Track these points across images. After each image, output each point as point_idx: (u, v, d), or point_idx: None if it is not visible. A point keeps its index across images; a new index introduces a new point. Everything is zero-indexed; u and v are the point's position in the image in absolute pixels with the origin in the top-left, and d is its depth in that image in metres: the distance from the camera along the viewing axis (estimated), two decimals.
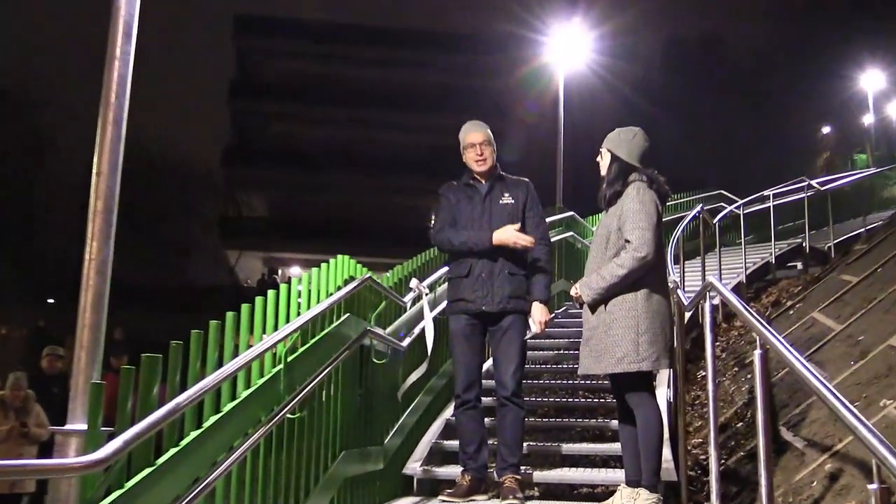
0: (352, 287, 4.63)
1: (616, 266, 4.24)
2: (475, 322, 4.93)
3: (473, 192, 5.06)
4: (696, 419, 6.71)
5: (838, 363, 4.91)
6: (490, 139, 5.07)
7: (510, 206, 4.98)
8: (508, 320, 4.88)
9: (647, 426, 4.27)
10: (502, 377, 4.86)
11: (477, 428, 4.93)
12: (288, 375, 3.79)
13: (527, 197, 5.03)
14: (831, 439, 4.02)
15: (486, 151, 5.03)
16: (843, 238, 13.63)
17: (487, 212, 4.97)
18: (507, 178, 5.13)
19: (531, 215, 5.02)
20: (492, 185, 5.05)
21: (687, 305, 4.93)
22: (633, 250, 4.23)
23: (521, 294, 4.89)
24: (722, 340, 8.74)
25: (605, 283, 4.27)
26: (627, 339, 4.22)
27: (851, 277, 6.64)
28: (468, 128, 5.14)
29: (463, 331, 4.94)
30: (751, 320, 3.35)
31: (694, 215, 10.52)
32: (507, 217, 4.94)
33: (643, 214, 4.28)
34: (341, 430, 4.62)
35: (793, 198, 14.46)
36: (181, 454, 2.91)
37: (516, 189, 5.06)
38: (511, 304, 4.86)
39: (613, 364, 4.25)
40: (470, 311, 4.90)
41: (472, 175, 5.11)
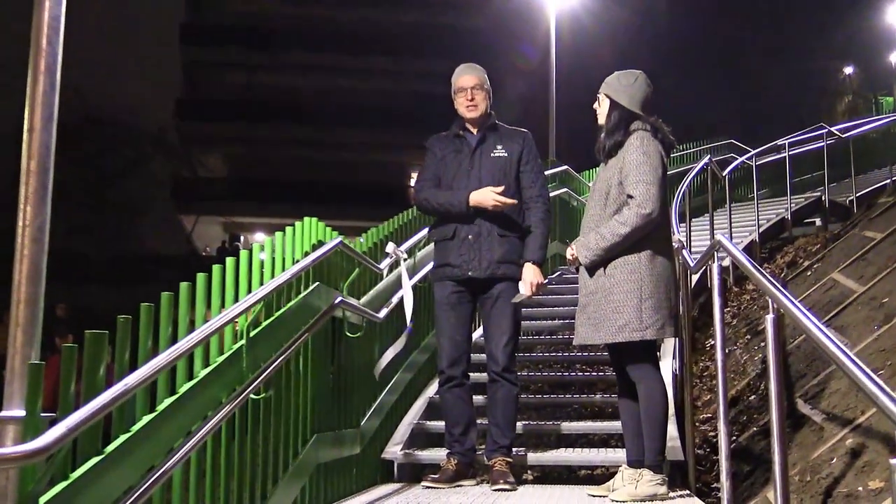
0: (321, 253, 4.61)
1: (618, 224, 4.25)
2: (462, 290, 4.94)
3: (462, 144, 5.04)
4: (704, 392, 6.78)
5: (860, 328, 4.96)
6: (484, 83, 5.05)
7: (503, 160, 4.96)
8: (499, 287, 4.88)
9: (650, 401, 4.31)
10: (493, 350, 4.88)
11: (464, 407, 4.96)
12: (251, 352, 3.78)
13: (522, 149, 5.01)
14: (853, 412, 4.07)
15: (478, 96, 5.01)
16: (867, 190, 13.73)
17: (477, 165, 4.95)
18: (501, 127, 5.10)
19: (527, 169, 5.00)
20: (483, 135, 5.03)
21: (693, 267, 4.96)
22: (637, 206, 4.23)
23: (513, 258, 4.88)
24: (733, 306, 8.81)
25: (606, 243, 4.27)
26: (630, 304, 4.24)
27: (875, 234, 6.68)
28: (460, 71, 5.12)
29: (448, 299, 4.95)
30: (762, 281, 3.37)
31: (701, 167, 10.55)
32: (498, 172, 4.92)
33: (648, 167, 4.28)
34: (312, 412, 4.63)
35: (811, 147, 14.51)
36: (133, 441, 2.91)
37: (511, 140, 5.03)
38: (502, 270, 4.86)
39: (614, 333, 4.27)
40: (456, 277, 4.90)
41: (462, 125, 5.08)
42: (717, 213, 10.41)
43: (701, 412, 6.28)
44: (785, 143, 13.27)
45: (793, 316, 2.98)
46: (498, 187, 4.81)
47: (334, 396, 5.04)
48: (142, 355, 3.12)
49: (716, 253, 4.29)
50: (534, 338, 8.66)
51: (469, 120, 5.05)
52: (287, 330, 4.21)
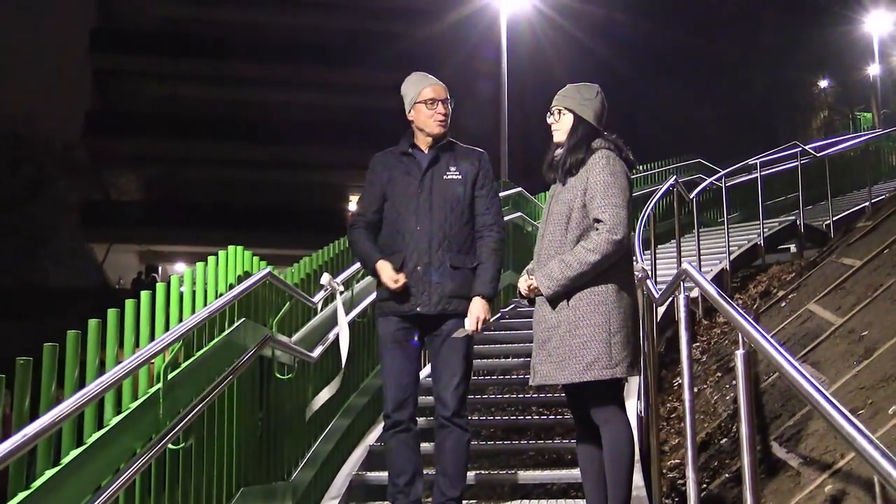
0: (247, 285, 4.59)
1: (586, 251, 4.25)
2: (408, 326, 4.92)
3: (412, 164, 4.99)
4: (672, 436, 6.83)
5: (838, 364, 5.04)
6: (448, 96, 5.03)
7: (455, 183, 4.93)
8: (450, 325, 4.85)
9: (616, 446, 4.32)
10: (442, 393, 4.86)
11: (410, 455, 4.93)
12: (168, 397, 3.75)
13: (478, 171, 4.99)
14: (832, 455, 4.13)
15: (447, 110, 4.98)
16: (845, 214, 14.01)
17: (426, 189, 4.91)
18: (456, 146, 5.07)
19: (482, 194, 4.97)
20: (436, 155, 4.99)
21: (658, 299, 5.01)
22: (608, 232, 4.24)
23: (465, 293, 4.86)
24: (702, 340, 8.91)
25: (572, 272, 4.27)
26: (598, 339, 4.25)
27: (854, 261, 6.81)
28: (421, 79, 5.04)
29: (394, 336, 4.91)
30: (731, 314, 3.41)
31: (667, 189, 10.68)
32: (450, 196, 4.90)
33: (616, 188, 4.31)
34: (238, 463, 4.59)
35: (784, 166, 14.78)
36: (34, 498, 2.86)
37: (466, 161, 5.00)
38: (453, 305, 4.83)
39: (581, 371, 4.26)
40: (402, 312, 4.88)
41: (412, 141, 5.04)
42: (684, 239, 10.54)
43: (669, 458, 6.32)
44: (757, 162, 13.48)
45: (765, 352, 3.02)
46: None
47: (263, 445, 5.00)
48: (44, 402, 3.08)
49: (682, 283, 4.33)
50: (485, 378, 8.68)
51: (426, 137, 5.01)
52: (209, 371, 4.18)
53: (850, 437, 2.27)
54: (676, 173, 14.70)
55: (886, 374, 4.43)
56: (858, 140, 18.81)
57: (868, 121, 35.58)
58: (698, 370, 7.70)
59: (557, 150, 4.59)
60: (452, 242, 4.86)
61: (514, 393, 8.11)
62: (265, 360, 5.04)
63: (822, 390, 2.58)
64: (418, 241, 4.85)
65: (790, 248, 13.43)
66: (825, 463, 4.12)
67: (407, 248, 4.86)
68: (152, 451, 3.47)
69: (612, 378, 4.26)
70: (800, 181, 13.40)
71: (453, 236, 4.87)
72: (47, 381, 3.10)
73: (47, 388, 3.09)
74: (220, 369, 4.26)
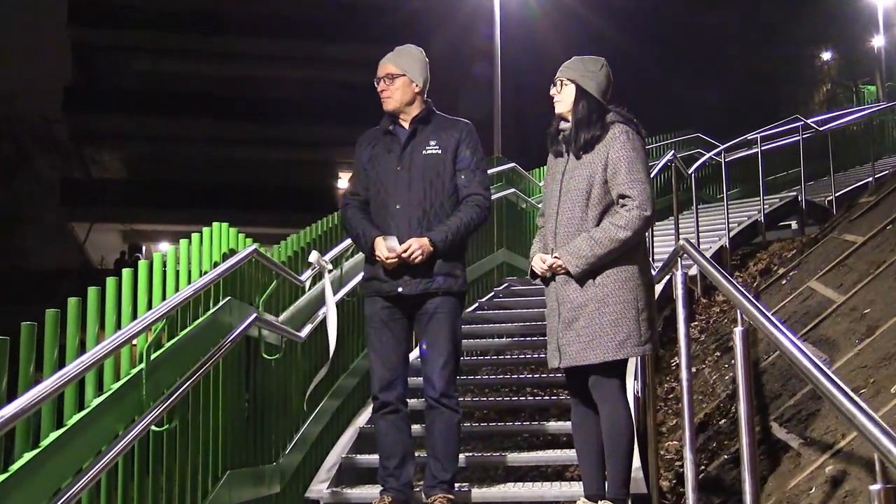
0: (233, 263, 4.58)
1: (616, 228, 4.28)
2: (393, 306, 4.92)
3: (392, 142, 5.01)
4: (669, 417, 6.85)
5: (840, 342, 5.06)
6: (400, 68, 4.99)
7: (435, 158, 4.92)
8: (435, 302, 4.86)
9: (616, 424, 4.34)
10: (430, 373, 4.87)
11: (399, 437, 4.94)
12: (152, 377, 3.74)
13: (458, 143, 4.97)
14: (833, 436, 4.15)
15: (392, 85, 4.96)
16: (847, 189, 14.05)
17: (406, 165, 4.91)
18: (437, 118, 5.06)
19: (463, 167, 4.95)
20: (415, 129, 4.99)
21: (656, 276, 5.03)
22: (638, 208, 4.30)
23: (449, 270, 4.87)
24: (701, 319, 8.93)
25: (602, 250, 4.29)
26: (629, 316, 4.30)
27: (856, 237, 6.83)
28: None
29: (380, 315, 4.92)
30: (731, 290, 3.42)
31: (664, 164, 10.68)
32: (431, 172, 4.89)
33: (640, 163, 4.38)
34: (224, 446, 4.59)
35: (785, 140, 14.80)
36: (12, 481, 2.86)
37: (447, 133, 4.99)
38: (436, 284, 4.85)
39: (615, 349, 4.28)
40: (385, 292, 4.88)
41: (392, 118, 5.05)
42: (682, 216, 10.56)
43: (666, 439, 6.34)
44: (757, 137, 13.50)
45: (764, 329, 3.02)
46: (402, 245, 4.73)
47: (250, 427, 5.00)
48: (23, 382, 3.07)
49: (680, 260, 4.34)
50: (478, 359, 8.69)
51: (389, 112, 5.02)
52: (194, 351, 4.17)
53: (850, 415, 2.28)
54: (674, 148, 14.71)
55: (889, 353, 4.45)
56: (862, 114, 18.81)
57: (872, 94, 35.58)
58: (696, 350, 7.73)
59: (562, 122, 4.58)
60: (434, 220, 4.85)
61: (508, 374, 8.14)
62: (251, 340, 5.03)
63: (824, 368, 2.59)
64: (399, 219, 4.85)
65: (791, 224, 13.46)
66: (826, 443, 4.13)
67: (389, 228, 4.85)
68: (135, 433, 3.47)
69: (643, 354, 4.34)
70: (801, 156, 13.42)
71: (434, 213, 4.86)
72: (25, 361, 3.09)
73: (25, 368, 3.09)
74: (205, 349, 4.26)
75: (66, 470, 3.16)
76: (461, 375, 7.50)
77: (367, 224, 4.92)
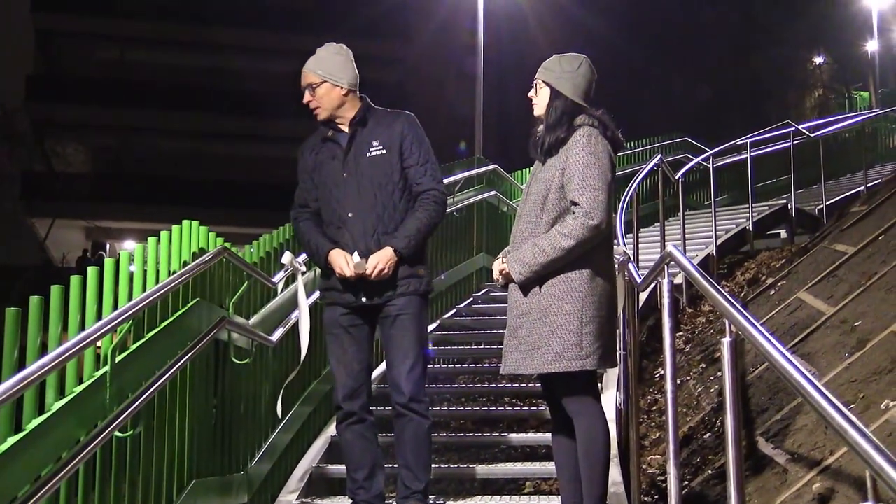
0: (202, 262, 4.57)
1: (560, 236, 4.27)
2: (354, 313, 4.89)
3: (334, 148, 4.93)
4: (653, 430, 6.88)
5: (830, 355, 5.09)
6: (319, 75, 4.89)
7: (381, 159, 4.84)
8: (398, 304, 4.82)
9: (590, 440, 4.35)
10: (396, 378, 4.84)
11: (367, 447, 4.92)
12: (116, 381, 3.73)
13: (402, 138, 4.88)
14: (821, 452, 4.17)
15: (316, 95, 4.89)
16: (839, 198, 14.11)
17: (352, 171, 4.83)
18: (375, 114, 4.96)
19: (411, 162, 4.87)
20: (354, 132, 4.90)
21: (641, 284, 5.03)
22: (584, 216, 4.25)
23: (411, 272, 4.84)
24: (686, 329, 8.96)
25: (545, 258, 4.28)
26: (569, 329, 4.27)
27: (847, 247, 6.87)
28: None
29: (340, 322, 4.87)
30: (718, 300, 3.43)
31: (651, 168, 10.70)
32: (380, 175, 4.81)
33: (596, 170, 4.32)
34: (190, 453, 4.57)
35: (776, 147, 14.86)
36: None
37: (389, 129, 4.90)
38: (400, 289, 4.81)
39: (550, 361, 4.29)
40: (345, 302, 4.85)
41: (330, 124, 4.96)
42: (668, 223, 10.61)
43: (649, 453, 6.36)
44: (746, 142, 13.55)
45: (753, 340, 3.04)
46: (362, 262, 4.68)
47: (217, 435, 4.98)
48: None
49: (666, 268, 4.35)
50: (455, 367, 8.69)
51: (328, 120, 4.93)
52: (160, 355, 4.16)
53: (841, 429, 2.29)
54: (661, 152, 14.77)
55: (879, 367, 4.47)
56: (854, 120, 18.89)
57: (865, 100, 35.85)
58: (681, 361, 7.75)
59: (540, 126, 4.59)
60: (389, 224, 4.80)
61: (486, 382, 8.13)
62: (220, 344, 5.02)
63: (813, 381, 2.60)
64: (353, 228, 4.79)
65: (780, 233, 13.53)
66: (814, 459, 4.16)
67: (343, 238, 4.80)
68: (97, 439, 3.45)
69: (581, 370, 4.28)
70: (792, 163, 13.48)
71: (389, 216, 4.81)
72: None
73: None
74: (173, 352, 4.25)
75: (24, 477, 3.15)
76: (436, 384, 7.51)
77: (319, 237, 4.86)
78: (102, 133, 38.90)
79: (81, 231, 38.98)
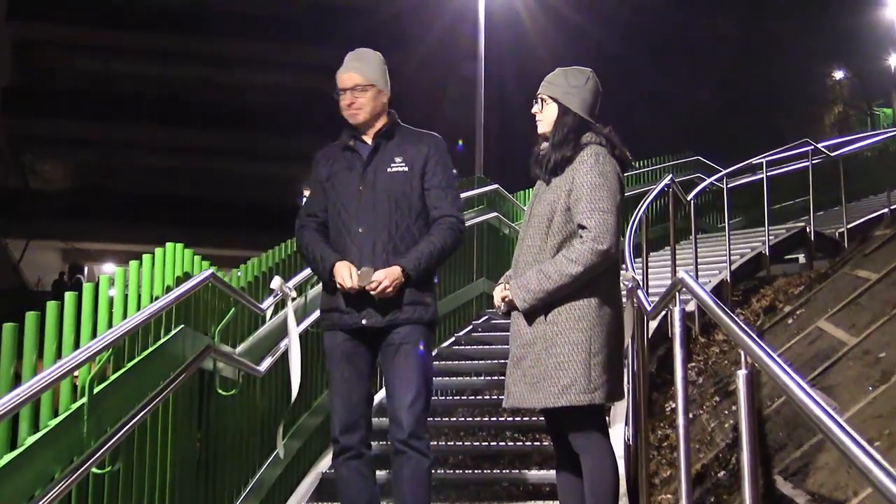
0: (187, 288, 4.56)
1: (567, 262, 4.26)
2: (357, 340, 4.87)
3: (354, 159, 4.94)
4: (663, 467, 6.84)
5: (852, 389, 5.07)
6: (369, 80, 4.92)
7: (401, 176, 4.86)
8: (403, 332, 4.80)
9: (597, 477, 4.33)
10: (397, 412, 4.81)
11: (364, 484, 4.90)
12: (94, 414, 3.71)
13: (427, 159, 4.92)
14: (843, 492, 4.15)
15: (362, 98, 4.90)
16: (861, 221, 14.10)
17: (369, 185, 4.85)
18: (402, 131, 5.01)
19: (433, 184, 4.90)
20: (378, 144, 4.93)
21: (651, 311, 5.02)
22: (593, 241, 4.24)
23: (418, 298, 4.83)
24: (698, 360, 8.93)
25: (551, 285, 4.27)
26: (577, 360, 4.25)
27: (870, 273, 6.86)
28: (344, 64, 5.01)
29: (341, 349, 4.86)
30: (733, 329, 3.42)
31: (661, 189, 10.70)
32: (397, 192, 4.83)
33: (605, 191, 4.31)
34: (172, 491, 4.56)
35: (793, 166, 14.87)
36: None
37: (414, 148, 4.94)
38: (405, 314, 4.79)
39: (556, 394, 4.27)
40: (347, 326, 4.83)
41: (353, 133, 4.99)
42: (679, 246, 10.60)
43: (660, 491, 6.34)
44: (762, 161, 13.54)
45: (770, 372, 3.03)
46: (372, 275, 4.65)
47: (201, 471, 4.97)
48: None
49: (678, 294, 4.34)
50: (454, 399, 8.67)
51: (355, 126, 4.96)
52: (141, 386, 4.14)
53: (865, 469, 2.28)
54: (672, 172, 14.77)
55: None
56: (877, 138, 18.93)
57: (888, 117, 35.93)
58: (694, 393, 7.72)
59: (544, 143, 4.58)
60: (400, 245, 4.79)
61: (487, 415, 8.10)
62: (206, 374, 5.01)
63: (835, 416, 2.59)
64: (362, 244, 4.78)
65: (798, 258, 13.51)
66: (836, 500, 4.13)
67: (350, 253, 4.79)
68: (74, 476, 3.43)
69: (589, 403, 4.26)
70: (810, 183, 13.48)
71: (401, 237, 4.81)
72: None
73: None
74: (154, 383, 4.23)
75: None
76: (434, 417, 7.48)
77: (325, 248, 4.85)
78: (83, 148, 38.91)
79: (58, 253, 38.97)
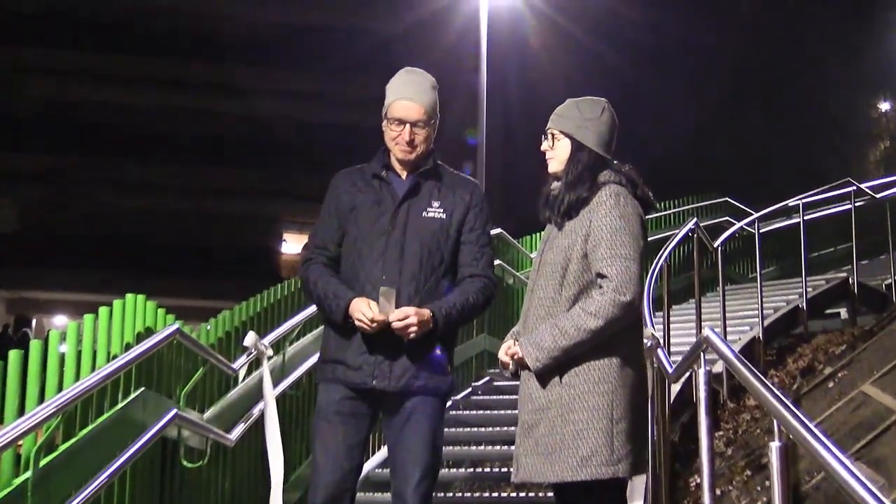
0: (150, 345, 4.55)
1: (586, 315, 4.20)
2: (359, 399, 4.78)
3: (385, 192, 4.83)
4: None
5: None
6: (431, 114, 4.83)
7: (437, 224, 4.78)
8: (414, 402, 4.71)
9: None
10: (402, 490, 4.73)
11: None
12: (40, 490, 3.70)
13: (468, 209, 4.85)
14: None
15: (421, 135, 4.80)
16: None
17: (400, 227, 4.75)
18: (443, 173, 4.93)
19: (471, 239, 4.84)
20: (416, 183, 4.84)
21: (673, 374, 5.01)
22: (614, 291, 4.18)
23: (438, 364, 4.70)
24: (727, 429, 8.90)
25: (568, 342, 4.21)
26: (597, 427, 4.20)
27: None
28: (400, 86, 4.87)
29: (339, 407, 4.74)
30: (764, 394, 3.41)
31: (685, 235, 10.70)
32: (430, 240, 4.75)
33: (627, 236, 4.27)
34: None
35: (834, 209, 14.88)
36: None
37: (454, 194, 4.86)
38: (421, 381, 4.69)
39: (575, 467, 4.21)
40: (353, 384, 4.75)
41: (386, 162, 4.88)
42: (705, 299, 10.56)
43: None
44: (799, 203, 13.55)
45: (807, 445, 3.02)
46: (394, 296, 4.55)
47: None
48: None
49: (703, 354, 4.33)
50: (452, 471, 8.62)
51: (401, 161, 4.84)
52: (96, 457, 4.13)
53: None
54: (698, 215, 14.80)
55: None
56: None
57: None
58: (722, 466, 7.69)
59: (554, 182, 4.55)
60: (426, 299, 4.68)
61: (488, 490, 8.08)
62: (169, 443, 4.99)
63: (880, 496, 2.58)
64: (380, 287, 4.63)
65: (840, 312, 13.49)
66: None
67: (366, 293, 4.65)
68: None
69: (612, 477, 4.23)
70: (853, 228, 13.48)
71: (428, 293, 4.71)
72: None
73: None
74: (111, 454, 4.21)
75: None
76: None
77: (340, 285, 4.71)
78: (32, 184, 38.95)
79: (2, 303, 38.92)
